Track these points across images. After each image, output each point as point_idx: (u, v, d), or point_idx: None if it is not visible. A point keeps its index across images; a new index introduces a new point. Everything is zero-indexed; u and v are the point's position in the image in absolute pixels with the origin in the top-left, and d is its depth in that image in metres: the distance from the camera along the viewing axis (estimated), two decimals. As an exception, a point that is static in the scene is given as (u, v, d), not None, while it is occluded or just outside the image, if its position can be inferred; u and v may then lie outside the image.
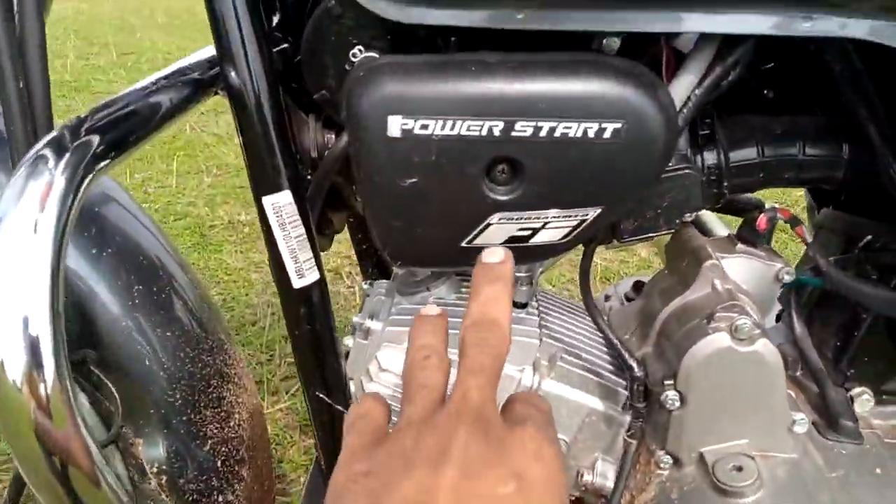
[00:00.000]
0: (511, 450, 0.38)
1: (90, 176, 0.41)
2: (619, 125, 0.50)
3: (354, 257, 1.08)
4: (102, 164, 0.42)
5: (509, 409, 0.43)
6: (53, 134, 0.45)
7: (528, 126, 0.50)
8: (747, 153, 0.64)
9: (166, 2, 6.92)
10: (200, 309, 0.77)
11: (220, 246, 2.36)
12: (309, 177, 0.60)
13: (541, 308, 0.77)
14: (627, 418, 0.67)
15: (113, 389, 0.69)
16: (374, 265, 0.90)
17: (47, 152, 0.43)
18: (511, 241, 0.56)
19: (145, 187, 2.82)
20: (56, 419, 0.43)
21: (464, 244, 0.56)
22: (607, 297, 0.92)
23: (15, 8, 0.51)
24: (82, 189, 0.43)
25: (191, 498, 0.75)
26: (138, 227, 0.74)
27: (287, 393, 1.65)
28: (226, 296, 2.09)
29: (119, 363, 0.70)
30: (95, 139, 0.42)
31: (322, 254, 0.62)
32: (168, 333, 0.72)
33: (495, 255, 0.49)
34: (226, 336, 0.81)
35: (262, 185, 0.55)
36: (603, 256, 2.29)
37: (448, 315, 0.49)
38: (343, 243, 1.84)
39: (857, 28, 0.50)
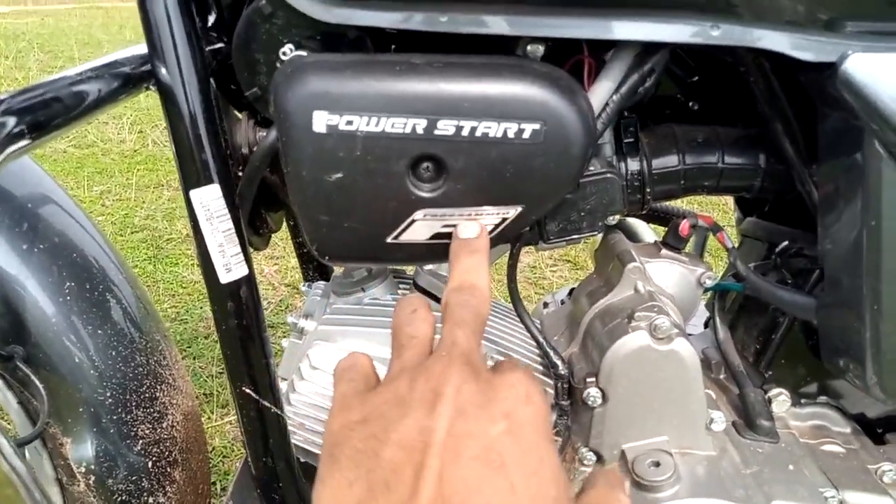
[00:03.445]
0: (501, 392, 0.39)
1: (2, 156, 0.42)
2: (537, 126, 0.52)
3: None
4: (18, 145, 0.43)
5: (497, 366, 0.44)
6: None
7: (450, 125, 0.52)
8: (669, 161, 0.67)
9: (135, 18, 6.86)
10: (135, 308, 0.77)
11: (176, 259, 2.34)
12: (241, 173, 0.61)
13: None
14: (554, 417, 0.69)
15: (40, 387, 0.68)
16: (315, 268, 0.90)
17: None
18: (436, 238, 0.57)
19: (103, 200, 2.79)
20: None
21: (390, 240, 0.57)
22: (546, 305, 0.94)
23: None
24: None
25: (120, 499, 0.74)
26: (73, 224, 0.74)
27: (237, 405, 1.63)
28: (180, 309, 2.07)
29: (48, 360, 0.69)
30: (12, 120, 0.42)
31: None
32: (100, 331, 0.72)
33: (472, 230, 0.53)
34: (162, 337, 0.80)
35: (190, 179, 0.56)
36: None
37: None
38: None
39: (763, 39, 0.53)
